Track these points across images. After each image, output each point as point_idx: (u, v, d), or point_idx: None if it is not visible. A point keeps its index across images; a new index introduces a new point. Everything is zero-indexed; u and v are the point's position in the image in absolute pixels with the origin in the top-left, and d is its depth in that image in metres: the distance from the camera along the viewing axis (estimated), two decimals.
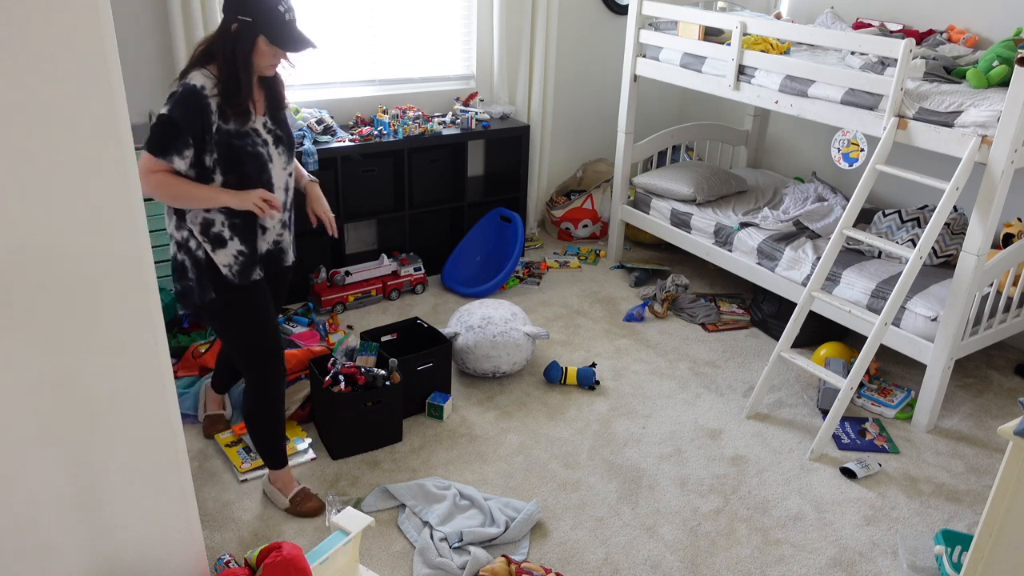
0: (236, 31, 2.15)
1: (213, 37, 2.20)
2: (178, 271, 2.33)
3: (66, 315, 1.51)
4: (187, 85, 2.14)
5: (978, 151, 2.77)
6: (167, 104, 2.13)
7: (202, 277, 2.29)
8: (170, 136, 2.11)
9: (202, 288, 2.30)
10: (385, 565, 2.37)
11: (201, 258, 2.28)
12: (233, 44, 2.16)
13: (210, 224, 2.26)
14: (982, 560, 1.64)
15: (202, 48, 2.22)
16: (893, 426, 3.16)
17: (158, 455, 1.73)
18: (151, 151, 2.12)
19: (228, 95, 2.17)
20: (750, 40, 3.58)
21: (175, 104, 2.12)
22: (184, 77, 2.17)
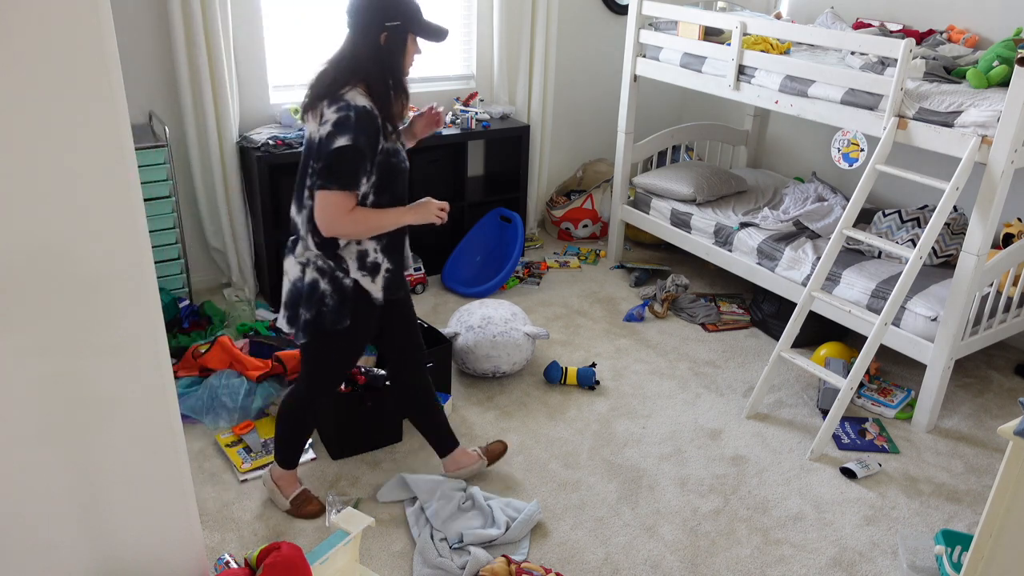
0: (386, 40, 2.10)
1: (356, 54, 2.09)
2: (312, 298, 2.21)
3: (66, 315, 1.51)
4: (359, 108, 2.04)
5: (978, 151, 2.77)
6: (346, 133, 2.01)
7: (343, 305, 2.22)
8: (359, 164, 2.04)
9: (339, 316, 2.22)
10: (385, 565, 2.37)
11: (348, 287, 2.21)
12: (388, 55, 2.11)
13: (365, 255, 2.22)
14: (982, 560, 1.64)
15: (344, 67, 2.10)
16: (893, 426, 3.16)
17: (158, 455, 1.73)
18: (345, 187, 2.04)
19: (388, 111, 2.12)
20: (750, 40, 3.58)
21: (357, 131, 2.02)
22: (337, 99, 2.05)
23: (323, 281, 2.20)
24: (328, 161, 2.03)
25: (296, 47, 3.88)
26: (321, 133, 2.05)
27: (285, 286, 2.29)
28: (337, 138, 2.02)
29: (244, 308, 3.64)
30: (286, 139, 3.64)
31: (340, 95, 2.06)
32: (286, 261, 2.28)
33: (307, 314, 2.23)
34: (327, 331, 2.24)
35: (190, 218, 3.83)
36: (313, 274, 2.20)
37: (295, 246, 2.24)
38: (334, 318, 2.22)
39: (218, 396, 2.97)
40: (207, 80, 3.50)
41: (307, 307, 2.22)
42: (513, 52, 4.44)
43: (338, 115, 2.03)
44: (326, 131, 2.04)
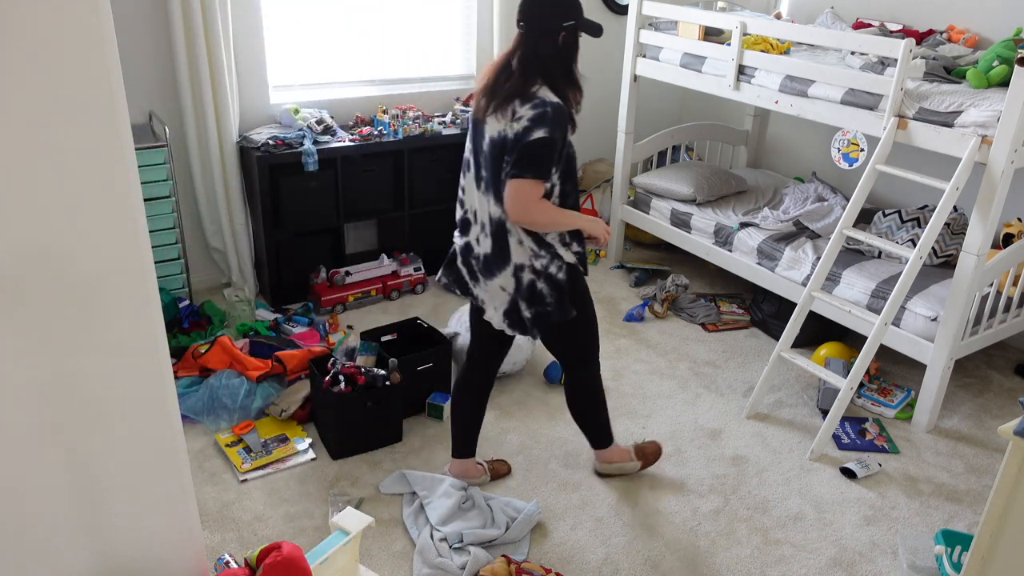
0: (565, 38, 2.19)
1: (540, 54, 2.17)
2: (532, 298, 2.31)
3: (66, 315, 1.51)
4: (555, 104, 2.14)
5: (978, 151, 2.77)
6: (542, 127, 2.10)
7: (562, 297, 2.32)
8: (551, 156, 2.14)
9: (562, 309, 2.32)
10: (385, 565, 2.37)
11: (562, 280, 2.31)
12: (566, 52, 2.21)
13: (562, 236, 2.32)
14: (982, 560, 1.64)
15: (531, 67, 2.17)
16: (893, 426, 3.16)
17: (158, 455, 1.73)
18: (538, 176, 2.12)
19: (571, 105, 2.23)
20: (750, 40, 3.58)
21: (554, 125, 2.11)
22: (531, 97, 2.14)
23: (539, 281, 2.30)
24: (523, 152, 2.11)
25: (296, 47, 3.88)
26: (516, 128, 2.13)
27: (497, 297, 2.34)
28: (534, 131, 2.11)
29: (244, 308, 3.64)
30: (286, 139, 3.64)
31: (533, 93, 2.15)
32: (497, 278, 2.31)
33: (529, 312, 2.33)
34: (562, 321, 2.35)
35: (190, 218, 3.83)
36: (529, 276, 2.29)
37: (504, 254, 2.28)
38: (559, 313, 2.33)
39: (218, 396, 2.97)
40: (207, 80, 3.50)
41: (530, 306, 2.33)
42: None
43: (535, 111, 2.12)
44: (522, 126, 2.12)
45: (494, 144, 2.20)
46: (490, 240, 2.30)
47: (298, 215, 3.77)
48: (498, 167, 2.20)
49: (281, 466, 2.76)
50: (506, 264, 2.29)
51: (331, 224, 3.91)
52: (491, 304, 2.38)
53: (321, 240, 3.96)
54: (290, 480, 2.71)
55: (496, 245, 2.29)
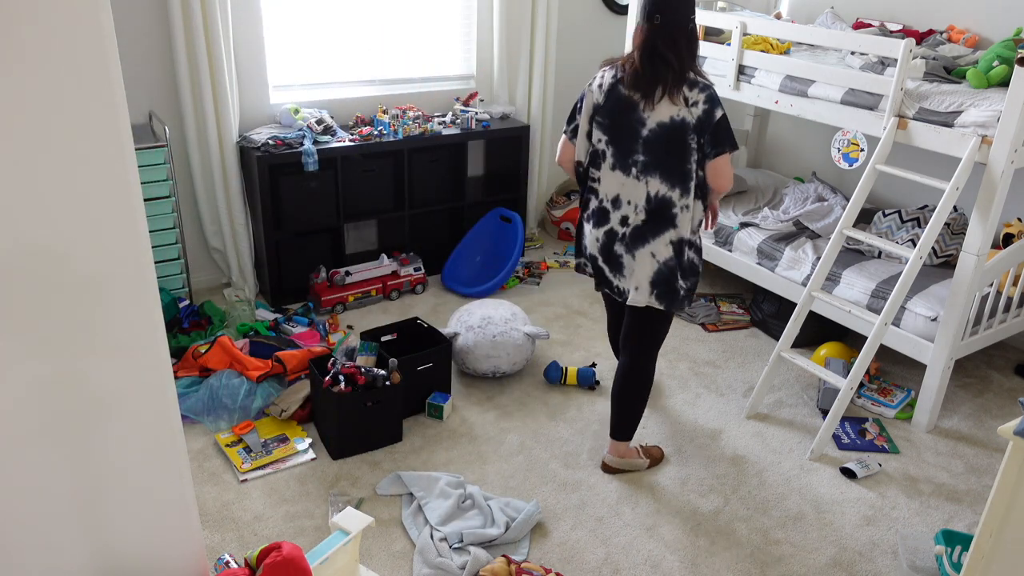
0: (692, 30, 2.40)
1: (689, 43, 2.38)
2: (690, 272, 2.53)
3: (66, 315, 1.51)
4: (712, 84, 2.40)
5: (978, 151, 2.77)
6: (717, 106, 2.36)
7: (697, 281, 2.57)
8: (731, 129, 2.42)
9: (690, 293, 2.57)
10: (385, 565, 2.37)
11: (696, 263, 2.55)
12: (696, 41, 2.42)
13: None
14: (982, 560, 1.64)
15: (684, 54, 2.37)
16: (893, 426, 3.16)
17: (158, 455, 1.73)
18: (734, 148, 2.40)
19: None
20: (750, 40, 3.58)
21: (720, 102, 2.39)
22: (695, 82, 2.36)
23: (694, 255, 2.54)
24: (716, 131, 2.36)
25: (296, 47, 3.88)
26: (697, 112, 2.35)
27: (647, 268, 2.50)
28: (715, 111, 2.35)
29: (244, 308, 3.64)
30: (286, 139, 3.64)
31: (693, 79, 2.37)
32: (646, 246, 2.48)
33: (687, 283, 2.53)
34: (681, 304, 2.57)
35: (190, 218, 3.83)
36: (691, 253, 2.51)
37: (662, 226, 2.46)
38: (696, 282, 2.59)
39: (218, 396, 2.97)
40: (207, 80, 3.50)
41: (686, 278, 2.52)
42: (513, 52, 4.44)
43: (705, 94, 2.35)
44: (702, 109, 2.35)
45: (664, 128, 2.38)
46: (645, 216, 2.47)
47: (298, 215, 3.77)
48: (676, 148, 2.39)
49: (281, 466, 2.76)
50: (663, 232, 2.46)
51: (331, 224, 3.91)
52: (633, 283, 2.53)
53: (321, 240, 3.96)
54: (290, 480, 2.71)
55: (653, 218, 2.46)
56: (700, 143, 2.38)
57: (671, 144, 2.38)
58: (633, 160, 2.44)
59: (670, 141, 2.38)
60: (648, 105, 2.38)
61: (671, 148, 2.39)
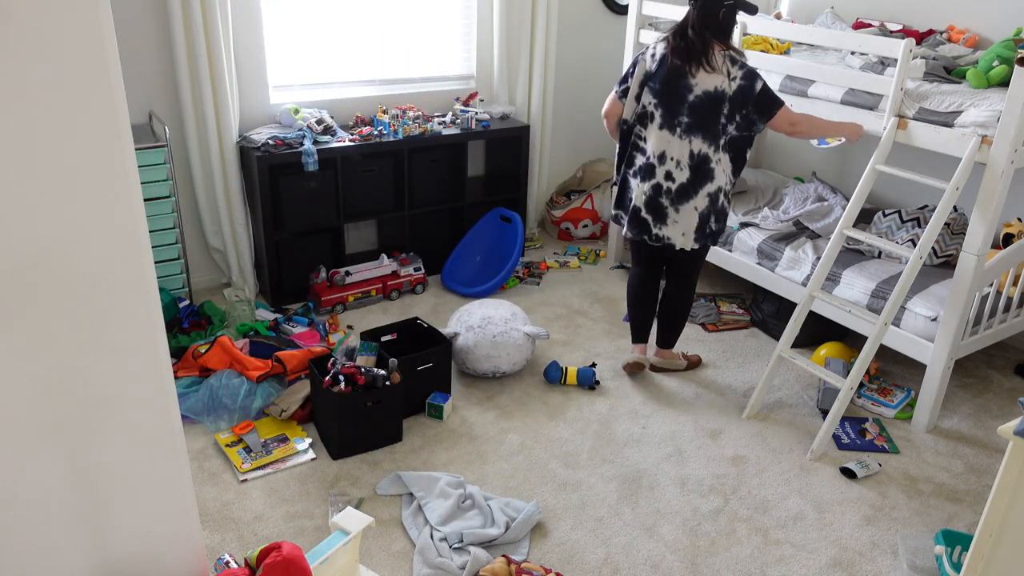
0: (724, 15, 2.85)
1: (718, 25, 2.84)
2: (722, 216, 3.03)
3: (66, 315, 1.51)
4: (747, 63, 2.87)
5: (978, 151, 2.77)
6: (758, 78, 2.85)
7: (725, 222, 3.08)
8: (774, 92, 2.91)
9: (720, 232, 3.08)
10: (385, 565, 2.37)
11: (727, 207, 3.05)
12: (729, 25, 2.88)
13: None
14: (982, 560, 1.64)
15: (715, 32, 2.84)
16: (893, 426, 3.16)
17: (158, 455, 1.73)
18: (782, 103, 2.88)
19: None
20: (750, 40, 3.58)
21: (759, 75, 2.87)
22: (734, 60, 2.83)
23: (726, 202, 3.03)
24: (761, 100, 2.85)
25: (296, 47, 3.88)
26: (737, 85, 2.82)
27: (692, 218, 2.98)
28: (755, 84, 2.84)
29: (244, 308, 3.64)
30: (286, 139, 3.64)
31: (734, 56, 2.86)
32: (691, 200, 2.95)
33: (716, 226, 3.03)
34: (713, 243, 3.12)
35: (190, 218, 3.83)
36: (723, 199, 3.00)
37: (702, 181, 2.93)
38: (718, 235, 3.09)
39: (218, 396, 2.97)
40: (207, 80, 3.50)
41: (717, 222, 3.03)
42: (513, 52, 4.44)
43: (744, 70, 2.84)
44: (742, 83, 2.82)
45: (709, 96, 2.84)
46: (688, 172, 2.92)
47: (298, 215, 3.77)
48: (713, 114, 2.85)
49: (281, 466, 2.76)
50: (702, 187, 2.93)
51: (331, 224, 3.91)
52: (679, 231, 3.00)
53: (321, 240, 3.96)
54: (290, 480, 2.71)
55: (696, 174, 2.92)
56: (744, 112, 2.85)
57: (712, 110, 2.84)
58: (679, 121, 2.89)
59: (712, 107, 2.84)
60: (693, 74, 2.83)
61: (711, 113, 2.84)
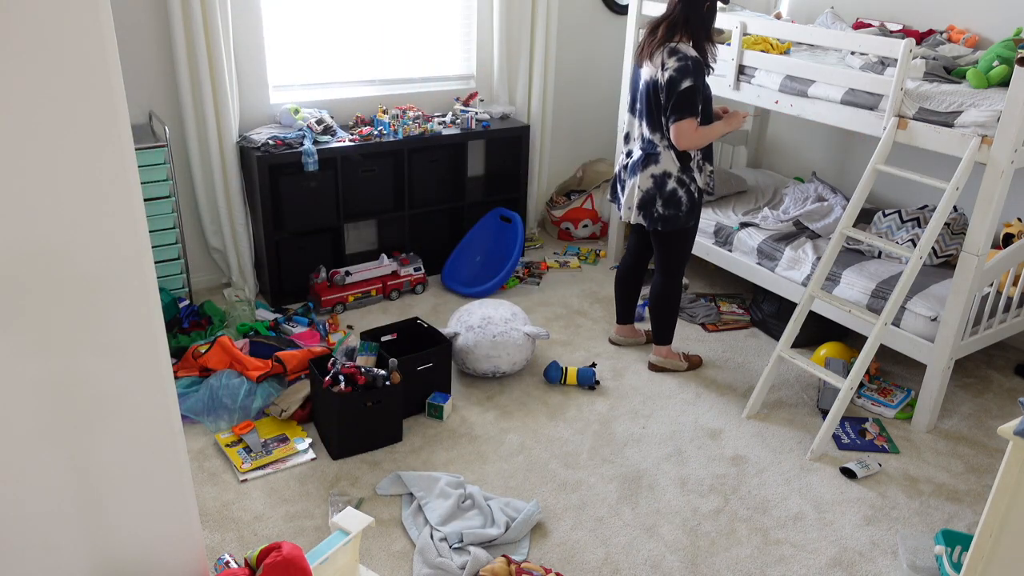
0: (708, 8, 2.91)
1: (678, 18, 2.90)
2: (671, 201, 3.05)
3: (66, 315, 1.51)
4: (693, 58, 2.87)
5: (978, 151, 2.77)
6: (686, 77, 2.84)
7: (693, 208, 3.09)
8: (697, 98, 2.88)
9: (690, 216, 3.10)
10: (385, 565, 2.37)
11: (694, 192, 3.07)
12: (709, 18, 2.94)
13: (699, 163, 3.07)
14: (982, 560, 1.64)
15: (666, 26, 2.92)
16: (893, 426, 3.16)
17: (158, 455, 1.73)
18: (693, 114, 2.89)
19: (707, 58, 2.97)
20: (750, 40, 3.58)
21: (694, 74, 2.86)
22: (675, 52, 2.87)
23: (680, 190, 3.05)
24: (679, 98, 2.86)
25: (296, 47, 3.88)
26: (665, 77, 2.88)
27: (635, 194, 3.10)
28: (681, 80, 2.85)
29: (244, 308, 3.64)
30: (286, 139, 3.64)
31: (676, 48, 2.88)
32: (636, 177, 3.09)
33: (665, 211, 3.07)
34: (681, 228, 3.12)
35: (190, 218, 3.83)
36: (672, 184, 3.04)
37: (648, 163, 3.05)
38: (687, 218, 3.10)
39: (218, 396, 2.97)
40: (207, 80, 3.50)
41: (665, 207, 3.06)
42: (513, 52, 4.44)
43: (679, 64, 2.85)
44: (668, 76, 2.86)
45: (647, 85, 2.97)
46: (640, 152, 3.08)
47: (298, 215, 3.77)
48: (651, 102, 2.97)
49: (281, 466, 2.76)
50: (647, 167, 3.05)
51: (331, 224, 3.91)
52: (626, 203, 3.16)
53: (321, 240, 3.96)
54: (290, 480, 2.71)
55: (644, 154, 3.06)
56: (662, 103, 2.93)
57: (650, 98, 2.97)
58: (635, 107, 3.11)
59: (649, 96, 2.97)
60: (641, 64, 3.00)
61: (651, 102, 2.98)
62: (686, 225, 3.12)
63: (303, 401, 2.98)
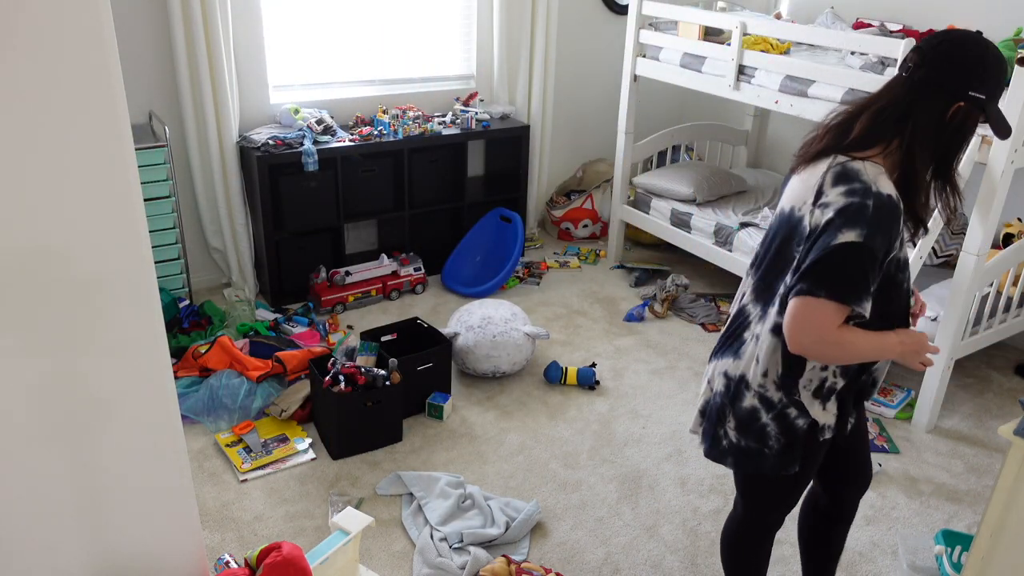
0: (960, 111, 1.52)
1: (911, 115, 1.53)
2: (750, 430, 1.73)
3: (66, 315, 1.51)
4: (883, 195, 1.49)
5: (978, 151, 2.77)
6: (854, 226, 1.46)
7: (792, 449, 1.71)
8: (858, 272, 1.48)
9: (785, 462, 1.72)
10: (385, 565, 2.37)
11: (800, 428, 1.68)
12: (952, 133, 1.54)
13: (824, 381, 1.67)
14: (982, 560, 1.64)
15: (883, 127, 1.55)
16: (893, 426, 3.16)
17: (158, 455, 1.73)
18: (842, 298, 1.48)
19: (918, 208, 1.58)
20: (750, 40, 3.58)
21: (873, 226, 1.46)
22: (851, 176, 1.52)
23: (766, 415, 1.70)
24: (826, 259, 1.49)
25: (296, 47, 3.88)
26: (821, 216, 1.52)
27: (702, 386, 1.88)
28: (839, 232, 1.48)
29: (244, 308, 3.64)
30: (286, 139, 3.64)
31: (852, 170, 1.53)
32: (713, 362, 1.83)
33: (741, 441, 1.76)
34: (765, 474, 1.76)
35: (190, 218, 3.83)
36: (753, 401, 1.71)
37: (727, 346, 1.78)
38: (777, 463, 1.72)
39: (218, 396, 2.97)
40: (207, 80, 3.50)
41: (741, 434, 1.75)
42: (513, 52, 4.44)
43: (848, 200, 1.50)
44: (827, 218, 1.51)
45: (783, 218, 1.65)
46: (728, 324, 1.82)
47: (298, 215, 3.77)
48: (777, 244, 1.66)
49: (281, 466, 2.76)
50: (724, 355, 1.78)
51: (331, 224, 3.91)
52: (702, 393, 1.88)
53: (321, 240, 3.96)
54: (290, 480, 2.71)
55: (729, 330, 1.80)
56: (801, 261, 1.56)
57: (779, 239, 1.66)
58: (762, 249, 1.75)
59: (779, 235, 1.66)
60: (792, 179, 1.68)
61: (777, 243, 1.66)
62: (775, 472, 1.74)
63: (303, 401, 2.98)
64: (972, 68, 1.49)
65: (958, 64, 1.50)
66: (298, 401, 2.97)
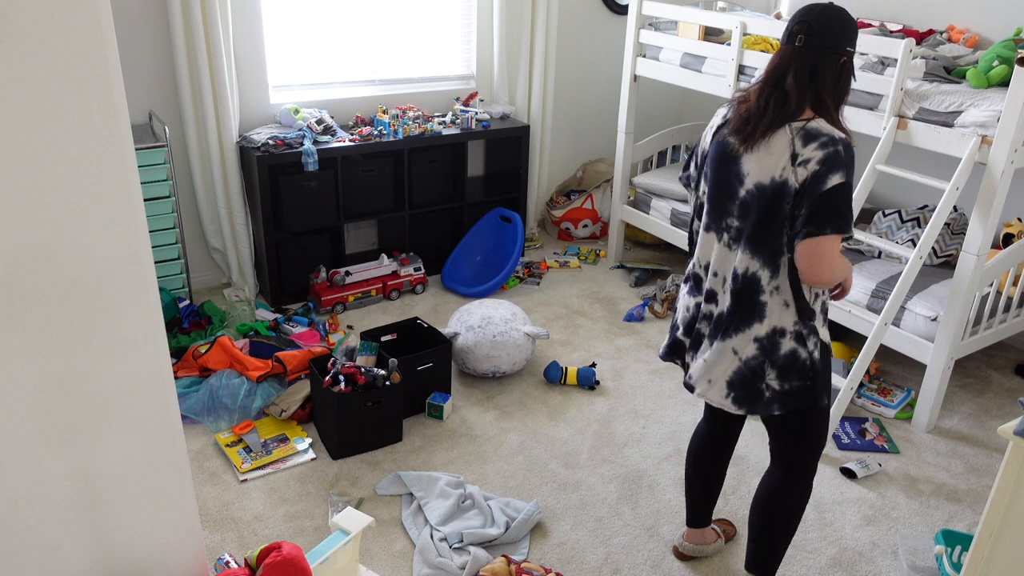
0: (846, 65, 1.86)
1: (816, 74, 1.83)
2: (791, 370, 1.94)
3: (66, 315, 1.51)
4: (843, 140, 1.80)
5: (978, 151, 2.77)
6: (837, 169, 1.77)
7: (818, 379, 1.96)
8: (851, 205, 1.82)
9: (819, 392, 1.97)
10: (385, 565, 2.37)
11: (817, 359, 1.95)
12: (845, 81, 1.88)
13: (824, 304, 1.97)
14: (982, 560, 1.64)
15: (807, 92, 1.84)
16: (893, 426, 3.16)
17: (158, 455, 1.73)
18: (841, 230, 1.79)
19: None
20: (750, 40, 3.58)
21: (848, 166, 1.79)
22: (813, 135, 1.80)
23: (802, 349, 1.93)
24: (827, 202, 1.77)
25: (296, 47, 3.88)
26: (804, 175, 1.78)
27: (722, 365, 2.00)
28: (829, 176, 1.77)
29: (244, 308, 3.65)
30: (286, 139, 3.64)
31: (813, 129, 1.80)
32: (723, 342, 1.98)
33: (785, 384, 1.95)
34: (812, 406, 1.98)
35: (190, 218, 3.83)
36: (791, 344, 1.92)
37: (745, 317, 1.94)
38: (820, 393, 1.97)
39: (218, 396, 2.97)
40: (207, 80, 3.50)
41: (783, 378, 1.95)
42: (513, 52, 4.44)
43: (825, 152, 1.77)
44: (811, 171, 1.77)
45: (763, 192, 1.84)
46: (730, 298, 1.96)
47: (298, 215, 3.77)
48: (769, 217, 1.85)
49: (281, 466, 2.76)
50: (748, 325, 1.94)
51: (331, 224, 3.91)
52: (706, 375, 2.03)
53: (321, 240, 3.96)
54: (290, 480, 2.71)
55: (740, 304, 1.94)
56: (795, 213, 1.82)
57: (770, 211, 1.85)
58: (727, 224, 1.95)
59: (769, 207, 1.85)
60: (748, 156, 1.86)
61: (769, 216, 1.86)
62: (820, 402, 1.99)
63: (303, 401, 2.98)
64: (846, 30, 1.85)
65: (839, 29, 1.84)
66: (298, 401, 2.97)
